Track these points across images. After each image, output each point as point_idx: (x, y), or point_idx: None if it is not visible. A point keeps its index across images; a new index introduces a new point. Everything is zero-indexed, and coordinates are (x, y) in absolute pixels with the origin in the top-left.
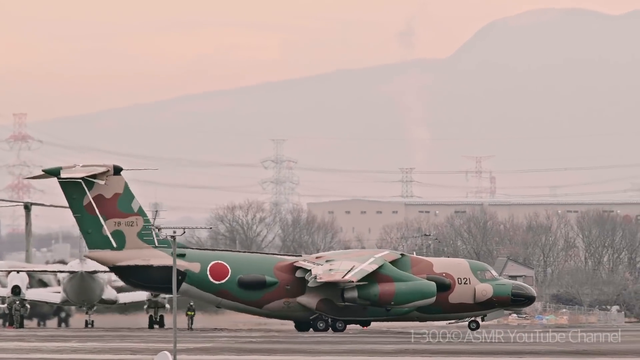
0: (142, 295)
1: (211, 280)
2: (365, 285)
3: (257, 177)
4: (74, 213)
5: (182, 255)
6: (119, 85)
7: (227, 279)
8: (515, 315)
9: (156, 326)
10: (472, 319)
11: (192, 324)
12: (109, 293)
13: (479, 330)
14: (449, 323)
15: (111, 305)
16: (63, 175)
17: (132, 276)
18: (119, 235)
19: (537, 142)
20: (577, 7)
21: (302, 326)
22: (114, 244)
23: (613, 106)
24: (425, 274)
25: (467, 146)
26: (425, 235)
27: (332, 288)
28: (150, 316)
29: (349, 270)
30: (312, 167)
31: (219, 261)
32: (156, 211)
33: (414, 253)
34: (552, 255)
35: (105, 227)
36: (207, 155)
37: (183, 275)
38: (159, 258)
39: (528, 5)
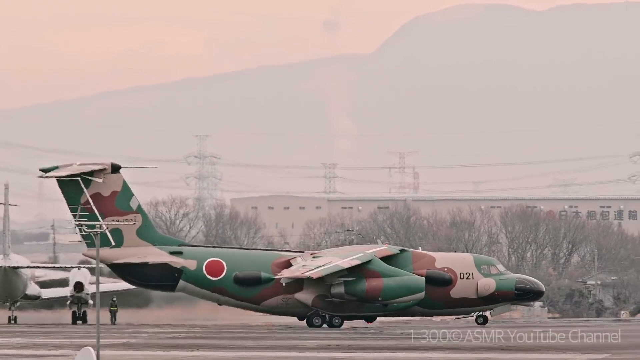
0: (65, 291)
1: (207, 277)
2: (352, 280)
3: (180, 173)
4: (71, 211)
5: (179, 253)
6: (42, 80)
7: (222, 275)
8: None
9: (79, 322)
10: (480, 313)
11: (115, 319)
12: (32, 289)
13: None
14: (457, 318)
15: (34, 301)
16: (58, 173)
17: (129, 274)
18: (117, 233)
19: (460, 138)
20: (501, 3)
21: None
22: (112, 242)
23: (536, 103)
24: (426, 269)
25: (391, 142)
26: (349, 230)
27: (328, 284)
28: (74, 312)
29: (319, 267)
30: (235, 162)
31: (215, 258)
32: (78, 207)
33: (419, 248)
34: (476, 251)
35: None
36: (130, 151)
37: (179, 273)
38: (155, 256)
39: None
